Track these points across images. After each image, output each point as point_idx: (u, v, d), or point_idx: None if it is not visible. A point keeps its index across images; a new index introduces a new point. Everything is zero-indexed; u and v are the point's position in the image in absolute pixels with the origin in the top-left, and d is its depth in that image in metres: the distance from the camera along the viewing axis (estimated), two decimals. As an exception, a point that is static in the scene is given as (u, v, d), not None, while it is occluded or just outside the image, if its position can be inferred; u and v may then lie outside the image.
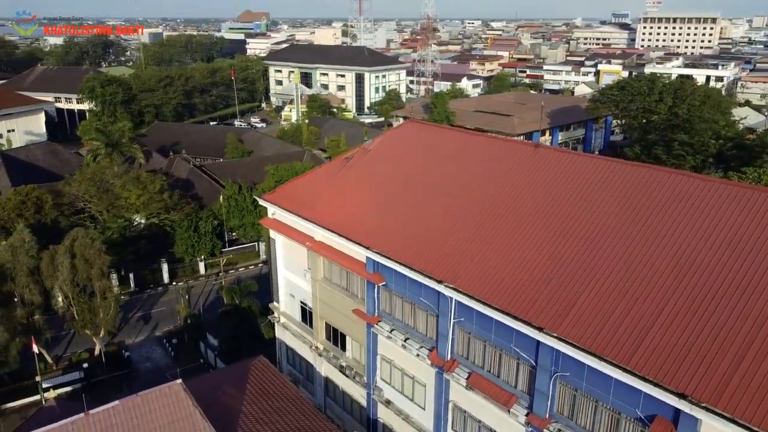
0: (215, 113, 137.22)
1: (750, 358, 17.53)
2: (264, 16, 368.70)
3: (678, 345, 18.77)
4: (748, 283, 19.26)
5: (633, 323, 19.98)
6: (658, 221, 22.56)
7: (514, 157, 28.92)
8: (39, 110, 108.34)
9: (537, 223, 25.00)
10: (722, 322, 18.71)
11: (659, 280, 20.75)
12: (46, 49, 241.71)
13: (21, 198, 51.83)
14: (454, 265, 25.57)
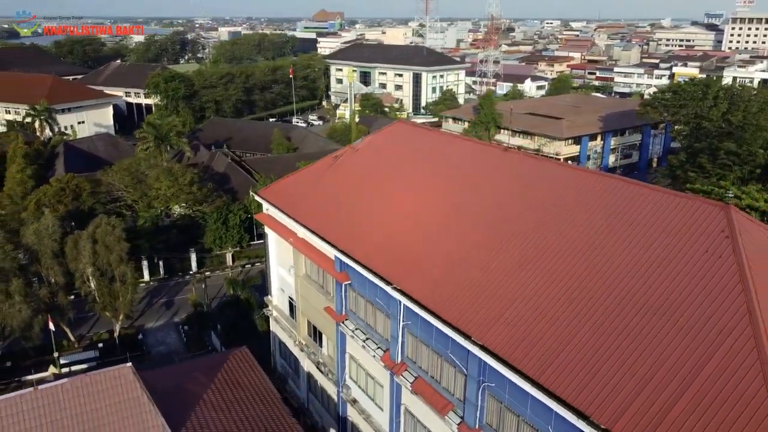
0: (274, 110, 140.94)
1: (654, 384, 16.49)
2: (338, 16, 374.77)
3: (589, 364, 17.91)
4: (667, 306, 18.07)
5: (552, 338, 19.20)
6: (599, 235, 21.49)
7: (481, 160, 28.30)
8: (107, 104, 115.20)
9: (482, 228, 24.39)
10: (634, 344, 17.67)
11: (586, 295, 19.80)
12: (131, 46, 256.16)
13: (61, 185, 55.44)
14: (406, 267, 25.37)
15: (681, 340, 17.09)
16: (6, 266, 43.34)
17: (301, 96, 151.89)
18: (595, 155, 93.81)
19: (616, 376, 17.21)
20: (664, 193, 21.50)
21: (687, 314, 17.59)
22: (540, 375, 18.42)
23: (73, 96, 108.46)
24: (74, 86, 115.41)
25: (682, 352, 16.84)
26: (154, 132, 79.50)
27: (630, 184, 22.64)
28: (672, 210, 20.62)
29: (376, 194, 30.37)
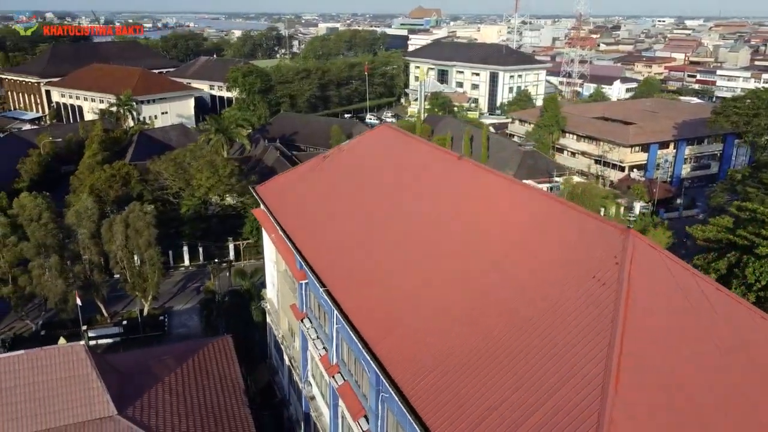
0: (349, 106, 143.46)
1: (498, 414, 15.82)
2: (435, 13, 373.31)
3: (452, 385, 17.41)
4: (541, 330, 17.17)
5: (434, 356, 18.79)
6: (507, 248, 20.66)
7: (437, 168, 27.82)
8: (189, 96, 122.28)
9: (414, 237, 24.08)
10: (499, 366, 16.98)
11: (477, 312, 19.17)
12: (232, 41, 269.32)
13: (112, 172, 59.88)
14: (342, 272, 25.57)
15: (544, 363, 16.25)
16: (47, 243, 47.62)
17: (377, 93, 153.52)
18: (665, 164, 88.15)
19: (473, 397, 16.66)
20: (575, 211, 20.31)
21: (557, 338, 16.67)
22: (410, 389, 18.14)
23: (158, 88, 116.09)
24: (160, 79, 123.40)
25: (541, 375, 16.03)
26: (215, 124, 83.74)
27: (550, 199, 21.57)
28: (578, 229, 19.50)
29: (339, 197, 30.68)
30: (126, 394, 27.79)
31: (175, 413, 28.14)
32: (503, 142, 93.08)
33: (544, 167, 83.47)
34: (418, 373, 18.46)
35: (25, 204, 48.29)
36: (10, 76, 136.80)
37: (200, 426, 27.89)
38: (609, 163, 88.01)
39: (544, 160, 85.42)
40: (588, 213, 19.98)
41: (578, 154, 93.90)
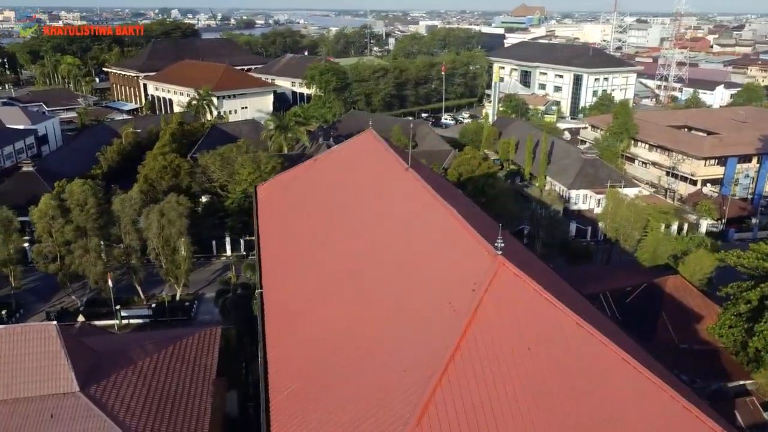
0: (426, 106, 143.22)
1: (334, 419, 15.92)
2: (538, 11, 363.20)
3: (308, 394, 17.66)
4: (392, 350, 16.96)
5: (305, 366, 19.10)
6: (400, 266, 20.43)
7: (384, 178, 27.76)
8: (269, 92, 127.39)
9: (334, 249, 24.30)
10: (336, 383, 16.99)
11: (353, 327, 19.21)
12: (330, 38, 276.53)
13: (164, 163, 64.06)
14: (281, 277, 26.30)
15: (369, 385, 16.17)
16: (88, 226, 52.03)
17: (457, 93, 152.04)
18: (745, 180, 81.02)
19: (316, 406, 16.85)
20: (470, 235, 19.69)
21: (392, 363, 16.48)
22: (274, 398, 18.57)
23: (239, 84, 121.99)
24: (242, 75, 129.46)
25: (367, 396, 15.97)
26: (277, 121, 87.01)
27: (457, 221, 21.02)
28: (464, 254, 18.97)
29: (302, 205, 31.37)
30: (94, 374, 30.05)
31: (136, 395, 30.06)
32: (568, 149, 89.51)
33: (606, 177, 79.42)
34: (286, 381, 18.85)
35: (73, 190, 52.90)
36: (115, 69, 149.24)
37: (155, 409, 29.62)
38: (680, 176, 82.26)
39: (606, 170, 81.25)
40: (479, 239, 19.31)
41: (649, 164, 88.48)
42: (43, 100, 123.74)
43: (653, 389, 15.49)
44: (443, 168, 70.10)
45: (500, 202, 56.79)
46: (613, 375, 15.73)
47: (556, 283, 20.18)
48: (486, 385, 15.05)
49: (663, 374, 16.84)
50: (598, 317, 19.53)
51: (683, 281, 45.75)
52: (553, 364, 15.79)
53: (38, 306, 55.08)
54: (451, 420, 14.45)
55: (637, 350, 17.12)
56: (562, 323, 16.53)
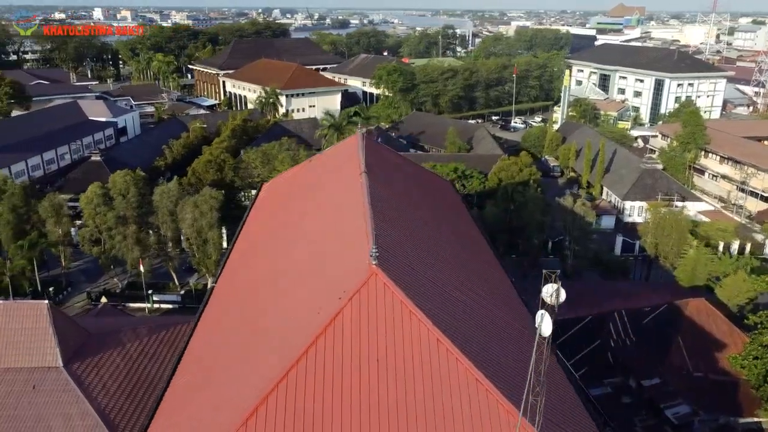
0: (496, 109, 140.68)
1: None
2: (637, 11, 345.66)
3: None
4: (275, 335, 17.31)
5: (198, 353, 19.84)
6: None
7: (341, 180, 27.98)
8: (337, 91, 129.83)
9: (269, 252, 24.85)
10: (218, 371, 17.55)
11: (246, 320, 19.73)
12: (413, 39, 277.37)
13: (210, 158, 67.25)
14: (231, 275, 27.25)
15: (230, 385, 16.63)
16: (128, 214, 55.68)
17: (531, 96, 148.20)
18: (826, 198, 73.77)
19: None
20: (362, 234, 19.63)
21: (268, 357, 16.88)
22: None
23: (309, 83, 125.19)
24: (311, 74, 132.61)
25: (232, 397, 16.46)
26: (331, 120, 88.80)
27: (362, 232, 21.01)
28: (355, 262, 18.99)
29: (281, 205, 32.15)
30: (80, 353, 32.37)
31: (116, 375, 32.07)
32: (630, 158, 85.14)
33: (665, 189, 74.96)
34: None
35: (116, 180, 56.78)
36: (199, 67, 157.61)
37: (130, 391, 31.49)
38: (751, 192, 76.13)
39: (666, 181, 76.61)
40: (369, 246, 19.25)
41: (719, 177, 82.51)
42: (131, 94, 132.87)
43: (496, 410, 14.94)
44: (483, 173, 68.83)
45: (528, 211, 55.10)
46: (461, 395, 15.25)
47: (456, 297, 19.60)
48: (322, 394, 15.09)
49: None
50: (490, 337, 18.80)
51: (707, 305, 42.56)
52: (401, 378, 15.54)
53: (85, 286, 59.49)
54: (277, 424, 14.71)
55: (504, 373, 16.42)
56: (422, 336, 16.19)
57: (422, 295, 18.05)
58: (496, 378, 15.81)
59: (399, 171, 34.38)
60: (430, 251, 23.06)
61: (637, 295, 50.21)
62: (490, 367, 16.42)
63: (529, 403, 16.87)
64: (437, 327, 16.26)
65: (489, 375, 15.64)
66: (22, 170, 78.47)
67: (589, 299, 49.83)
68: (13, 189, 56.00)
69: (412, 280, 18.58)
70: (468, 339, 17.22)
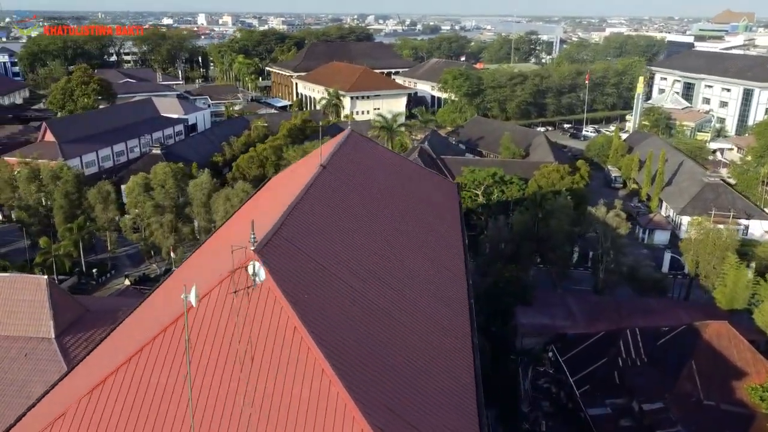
0: (569, 116, 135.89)
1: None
2: (745, 17, 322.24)
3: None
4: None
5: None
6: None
7: (305, 172, 28.24)
8: (403, 94, 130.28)
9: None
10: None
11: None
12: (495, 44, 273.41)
13: (252, 155, 69.60)
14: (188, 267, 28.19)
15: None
16: (165, 204, 58.71)
17: (608, 104, 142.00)
18: None
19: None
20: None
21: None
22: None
23: (375, 85, 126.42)
24: (378, 77, 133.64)
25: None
26: (384, 122, 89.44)
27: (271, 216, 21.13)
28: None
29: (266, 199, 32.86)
30: (74, 327, 34.60)
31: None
32: (694, 170, 79.75)
33: (729, 204, 69.64)
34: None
35: (157, 172, 60.01)
36: (275, 69, 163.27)
37: (112, 366, 33.24)
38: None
39: (730, 196, 71.09)
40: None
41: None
42: (209, 94, 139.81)
43: (334, 402, 14.62)
44: (524, 180, 66.80)
45: (557, 219, 52.93)
46: (304, 382, 15.03)
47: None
48: (143, 400, 15.48)
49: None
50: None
51: (730, 329, 39.11)
52: (248, 362, 15.53)
53: (128, 270, 63.25)
54: (118, 401, 15.31)
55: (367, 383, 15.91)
56: (280, 323, 16.02)
57: (302, 283, 17.96)
58: (344, 368, 15.47)
59: (383, 169, 34.20)
60: (353, 242, 22.87)
61: (662, 313, 47.02)
62: (343, 357, 16.09)
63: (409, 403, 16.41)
64: (300, 315, 16.11)
65: (337, 365, 15.33)
66: (92, 160, 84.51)
67: (609, 315, 47.27)
68: (67, 176, 60.53)
69: (299, 268, 18.53)
70: (335, 330, 16.96)
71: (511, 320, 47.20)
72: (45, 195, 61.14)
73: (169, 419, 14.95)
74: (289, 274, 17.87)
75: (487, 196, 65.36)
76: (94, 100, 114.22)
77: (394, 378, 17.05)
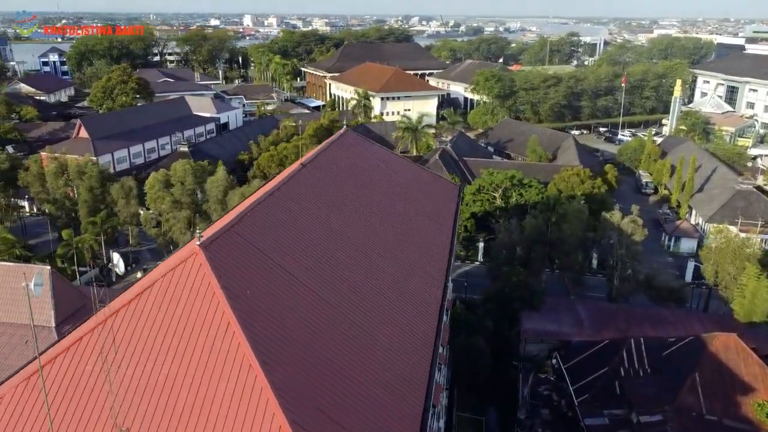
0: (605, 119, 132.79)
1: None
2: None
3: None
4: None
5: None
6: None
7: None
8: (434, 96, 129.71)
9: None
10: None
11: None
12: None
13: (272, 154, 70.50)
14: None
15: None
16: (183, 200, 60.02)
17: (647, 108, 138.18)
18: None
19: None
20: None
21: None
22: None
23: (405, 87, 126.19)
24: (409, 78, 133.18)
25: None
26: (408, 123, 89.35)
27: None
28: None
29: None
30: (74, 317, 35.71)
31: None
32: (727, 177, 76.94)
33: (759, 213, 66.93)
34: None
35: (176, 168, 61.41)
36: (310, 69, 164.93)
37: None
38: None
39: (763, 205, 68.32)
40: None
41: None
42: (245, 93, 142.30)
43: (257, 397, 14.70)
44: (543, 183, 65.67)
45: (569, 224, 51.80)
46: (230, 377, 15.16)
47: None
48: (71, 390, 15.90)
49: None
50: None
51: (738, 342, 37.54)
52: (180, 353, 15.77)
53: (149, 263, 64.92)
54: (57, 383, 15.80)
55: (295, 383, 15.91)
56: (215, 317, 16.16)
57: (248, 279, 18.11)
58: (275, 365, 15.55)
59: (375, 169, 34.20)
60: (317, 240, 22.92)
61: (675, 324, 45.51)
62: (277, 354, 16.16)
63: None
64: (236, 310, 16.28)
65: (267, 361, 15.44)
66: (124, 156, 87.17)
67: (617, 323, 46.02)
68: (91, 172, 62.56)
69: (248, 264, 18.68)
70: (274, 326, 17.05)
71: (517, 325, 46.47)
72: (71, 189, 63.35)
73: (96, 409, 15.34)
74: (233, 270, 18.06)
75: (506, 199, 64.44)
76: (132, 98, 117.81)
77: (331, 377, 17.02)
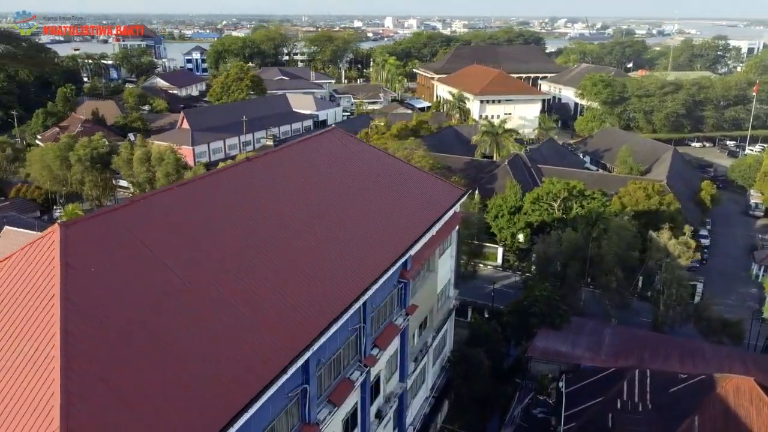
0: (734, 132, 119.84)
1: None
2: None
3: None
4: None
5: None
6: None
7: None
8: (538, 100, 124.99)
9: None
10: None
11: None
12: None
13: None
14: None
15: None
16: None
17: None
18: None
19: None
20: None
21: None
22: None
23: (507, 90, 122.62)
24: (512, 82, 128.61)
25: None
26: (489, 127, 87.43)
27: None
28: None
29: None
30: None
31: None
32: None
33: None
34: None
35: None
36: (420, 70, 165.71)
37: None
38: None
39: None
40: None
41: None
42: (353, 92, 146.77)
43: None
44: (607, 196, 61.41)
45: (609, 240, 48.07)
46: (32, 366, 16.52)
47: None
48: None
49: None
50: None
51: (753, 386, 32.82)
52: (11, 332, 17.48)
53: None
54: None
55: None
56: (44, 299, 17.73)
57: (111, 268, 19.50)
58: (84, 348, 16.73)
59: (353, 170, 34.24)
60: (226, 238, 23.44)
61: (709, 360, 40.67)
62: (95, 338, 17.32)
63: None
64: (68, 283, 17.84)
65: (76, 344, 16.61)
66: (219, 147, 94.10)
67: (640, 352, 42.00)
68: (168, 159, 68.54)
69: (117, 252, 19.98)
70: (111, 312, 18.31)
71: (529, 341, 44.18)
72: (152, 174, 69.94)
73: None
74: (93, 252, 19.56)
75: (566, 210, 61.05)
76: (246, 94, 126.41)
77: (147, 360, 17.83)
